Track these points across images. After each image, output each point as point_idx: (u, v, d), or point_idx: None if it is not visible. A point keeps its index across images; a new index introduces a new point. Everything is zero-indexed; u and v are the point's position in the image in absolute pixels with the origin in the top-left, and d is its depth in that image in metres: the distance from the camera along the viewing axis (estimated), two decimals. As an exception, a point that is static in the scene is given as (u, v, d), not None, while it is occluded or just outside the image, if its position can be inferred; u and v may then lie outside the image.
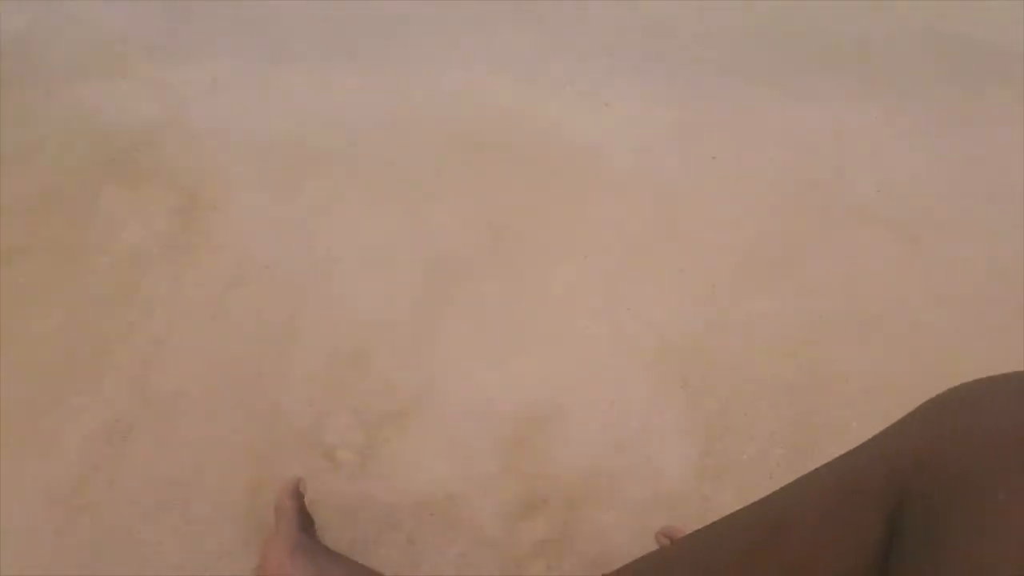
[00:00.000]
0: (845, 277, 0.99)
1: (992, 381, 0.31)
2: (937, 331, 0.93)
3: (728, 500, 0.77)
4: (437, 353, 0.88)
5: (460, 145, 1.13)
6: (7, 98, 1.19)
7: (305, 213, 1.03)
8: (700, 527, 0.43)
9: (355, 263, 0.97)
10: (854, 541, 0.32)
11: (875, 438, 0.35)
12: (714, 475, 0.79)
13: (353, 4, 1.35)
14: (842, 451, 0.37)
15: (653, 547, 0.73)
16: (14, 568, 0.69)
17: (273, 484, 0.73)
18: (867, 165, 1.12)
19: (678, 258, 1.00)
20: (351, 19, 1.32)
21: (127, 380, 0.85)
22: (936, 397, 0.33)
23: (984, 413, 0.29)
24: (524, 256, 0.99)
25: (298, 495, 0.66)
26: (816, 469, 0.37)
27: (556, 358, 0.88)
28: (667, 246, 1.01)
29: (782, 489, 0.38)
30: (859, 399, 0.86)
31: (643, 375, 0.87)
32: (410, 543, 0.72)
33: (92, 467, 0.78)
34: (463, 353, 0.89)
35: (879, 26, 1.34)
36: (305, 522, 0.65)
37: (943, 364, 0.89)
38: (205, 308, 0.92)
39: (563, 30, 1.32)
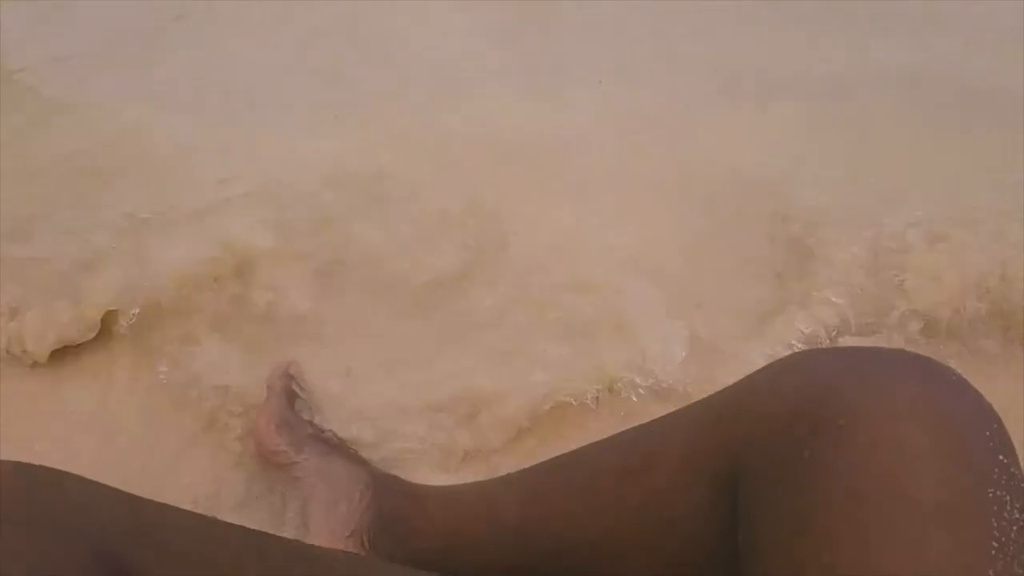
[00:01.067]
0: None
1: (856, 351, 0.34)
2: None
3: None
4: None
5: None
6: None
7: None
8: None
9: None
10: (708, 485, 0.36)
11: (736, 385, 0.38)
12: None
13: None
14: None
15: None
16: None
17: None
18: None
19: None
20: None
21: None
22: (794, 356, 0.36)
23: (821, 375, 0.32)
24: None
25: (287, 376, 0.72)
26: (691, 405, 0.41)
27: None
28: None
29: (663, 418, 0.42)
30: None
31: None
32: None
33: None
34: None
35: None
36: (292, 400, 0.71)
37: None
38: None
39: None
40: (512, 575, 0.48)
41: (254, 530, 0.39)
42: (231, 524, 0.37)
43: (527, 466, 0.51)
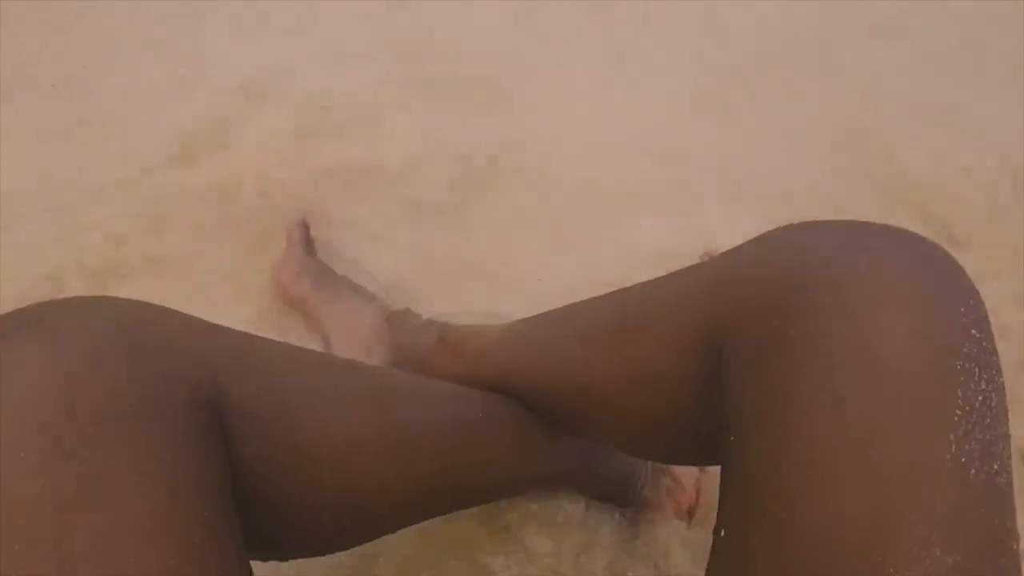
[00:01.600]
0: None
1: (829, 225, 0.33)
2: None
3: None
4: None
5: None
6: None
7: None
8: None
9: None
10: (694, 351, 0.36)
11: (728, 254, 0.37)
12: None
13: None
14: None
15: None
16: None
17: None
18: None
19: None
20: None
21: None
22: (779, 232, 0.35)
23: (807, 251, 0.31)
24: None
25: (304, 225, 0.77)
26: (684, 270, 0.40)
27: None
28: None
29: (656, 281, 0.42)
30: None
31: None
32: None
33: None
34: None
35: None
36: (310, 247, 0.77)
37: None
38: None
39: None
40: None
41: (316, 351, 0.43)
42: (300, 347, 0.41)
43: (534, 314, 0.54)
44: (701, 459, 0.44)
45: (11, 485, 0.25)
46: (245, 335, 0.38)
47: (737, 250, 0.36)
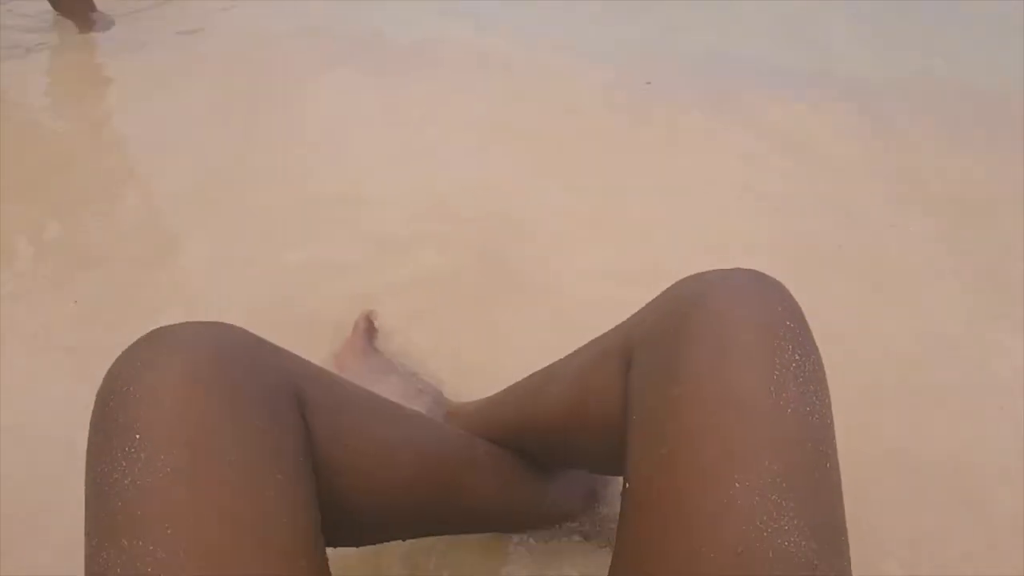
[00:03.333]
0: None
1: (719, 275, 0.44)
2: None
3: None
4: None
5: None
6: None
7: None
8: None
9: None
10: (615, 372, 0.47)
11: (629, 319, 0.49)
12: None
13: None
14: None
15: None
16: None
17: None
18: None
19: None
20: None
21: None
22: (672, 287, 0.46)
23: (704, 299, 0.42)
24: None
25: (368, 318, 0.91)
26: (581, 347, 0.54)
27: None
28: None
29: (558, 361, 0.56)
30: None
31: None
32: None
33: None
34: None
35: None
36: (372, 336, 0.90)
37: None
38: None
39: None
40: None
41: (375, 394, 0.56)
42: (356, 384, 0.54)
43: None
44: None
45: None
46: (318, 366, 0.50)
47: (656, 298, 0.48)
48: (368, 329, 0.91)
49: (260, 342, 0.45)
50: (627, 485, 0.41)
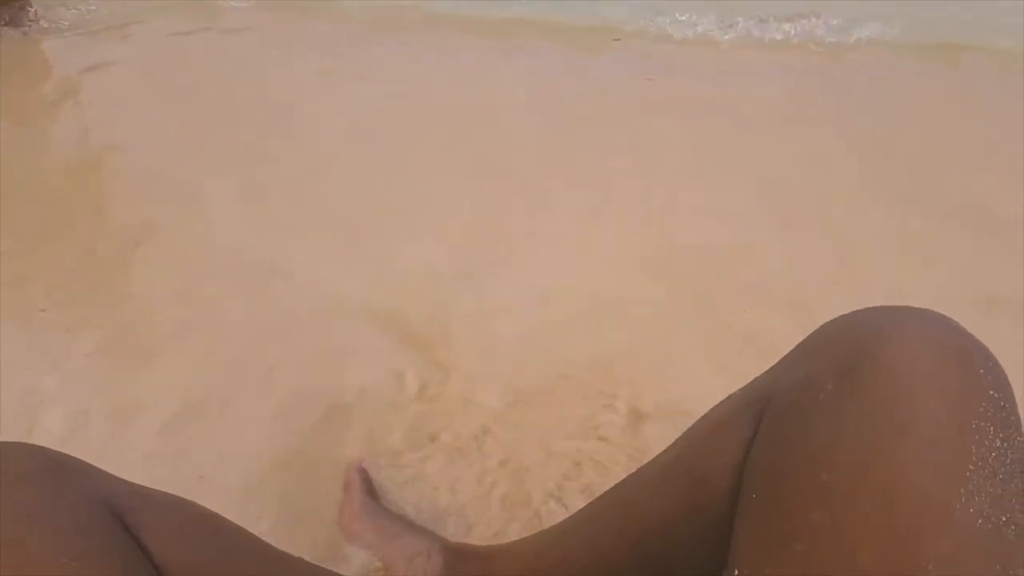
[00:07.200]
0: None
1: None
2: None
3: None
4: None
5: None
6: None
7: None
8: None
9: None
10: (719, 466, 0.39)
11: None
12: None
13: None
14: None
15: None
16: None
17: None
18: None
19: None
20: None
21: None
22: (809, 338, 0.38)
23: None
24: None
25: (361, 470, 0.85)
26: (661, 454, 0.46)
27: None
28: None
29: (635, 474, 0.48)
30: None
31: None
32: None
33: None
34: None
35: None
36: (369, 489, 0.84)
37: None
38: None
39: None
40: None
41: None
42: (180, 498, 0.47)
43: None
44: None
45: None
46: (143, 487, 0.45)
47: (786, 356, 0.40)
48: (365, 481, 0.85)
49: (76, 464, 0.41)
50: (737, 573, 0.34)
